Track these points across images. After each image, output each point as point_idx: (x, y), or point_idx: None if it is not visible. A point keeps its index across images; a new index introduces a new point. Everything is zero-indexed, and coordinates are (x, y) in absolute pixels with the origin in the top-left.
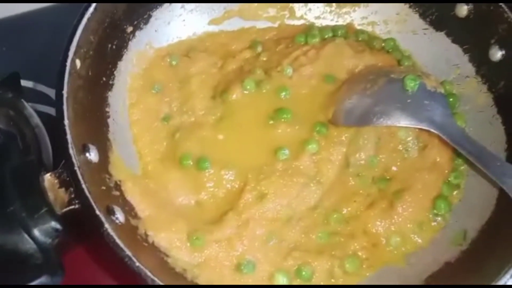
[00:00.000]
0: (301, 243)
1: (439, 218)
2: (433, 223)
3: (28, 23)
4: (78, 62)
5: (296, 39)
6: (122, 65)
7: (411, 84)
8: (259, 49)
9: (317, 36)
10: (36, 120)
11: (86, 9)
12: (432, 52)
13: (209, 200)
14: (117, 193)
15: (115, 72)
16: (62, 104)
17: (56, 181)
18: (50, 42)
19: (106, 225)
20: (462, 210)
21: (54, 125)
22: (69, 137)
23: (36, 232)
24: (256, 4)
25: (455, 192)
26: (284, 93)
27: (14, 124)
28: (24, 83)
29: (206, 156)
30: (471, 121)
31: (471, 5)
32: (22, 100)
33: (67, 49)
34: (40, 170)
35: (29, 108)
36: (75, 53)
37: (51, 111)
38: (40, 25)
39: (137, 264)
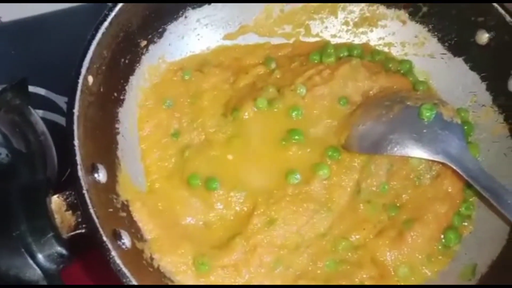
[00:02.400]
0: (308, 271)
1: (449, 250)
2: (442, 255)
3: (37, 27)
4: (90, 79)
5: (310, 57)
6: (134, 79)
7: (427, 114)
8: (273, 65)
9: (332, 55)
10: (42, 127)
11: (101, 23)
12: (449, 77)
13: (218, 222)
14: (124, 214)
15: (126, 87)
16: (72, 123)
17: (63, 203)
18: (60, 48)
19: (113, 253)
20: (472, 243)
21: (63, 140)
22: (78, 158)
23: (41, 257)
24: (272, 20)
25: (466, 223)
26: (295, 113)
27: (20, 131)
28: (31, 89)
29: (215, 176)
30: (485, 151)
31: (492, 33)
32: (29, 106)
33: (80, 66)
34: (48, 190)
35: (35, 115)
36: (87, 70)
37: (58, 118)
38: (50, 29)
39: None
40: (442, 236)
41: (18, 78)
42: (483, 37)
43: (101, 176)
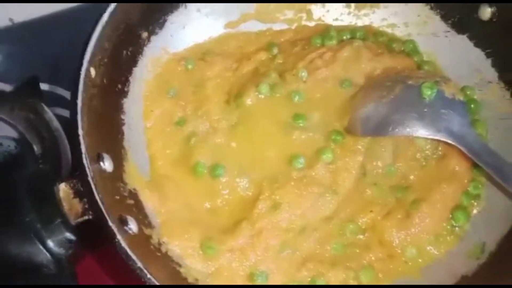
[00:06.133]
0: (316, 254)
1: (457, 229)
2: (450, 235)
3: (47, 26)
4: (92, 71)
5: (312, 41)
6: (137, 71)
7: (428, 92)
8: (275, 51)
9: (334, 38)
10: (55, 123)
11: (101, 16)
12: (454, 55)
13: (224, 207)
14: (132, 201)
15: (130, 79)
16: (76, 113)
17: (71, 191)
18: (69, 45)
19: (119, 236)
20: (481, 222)
21: (69, 133)
22: (83, 147)
23: (50, 243)
24: (273, 6)
25: (474, 203)
26: (297, 97)
27: (34, 128)
28: (43, 86)
29: (221, 163)
30: (493, 128)
31: (495, 7)
32: (42, 104)
33: (82, 58)
34: (55, 179)
35: (49, 112)
36: (89, 62)
37: None
38: (59, 28)
39: (148, 276)
40: (450, 216)
41: (29, 76)
42: (486, 12)
43: (107, 165)
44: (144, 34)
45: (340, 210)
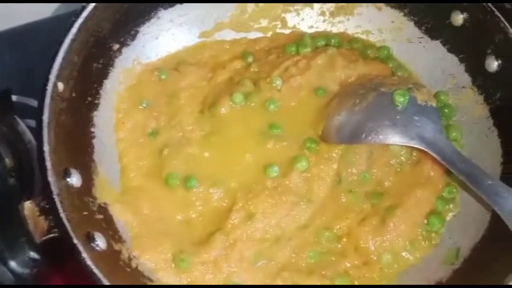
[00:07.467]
0: (291, 263)
1: (433, 235)
2: (425, 240)
3: (20, 37)
4: (60, 85)
5: (287, 49)
6: (108, 83)
7: (400, 99)
8: (250, 59)
9: (308, 45)
10: (29, 136)
11: (69, 30)
12: (428, 61)
13: (197, 218)
14: (101, 216)
15: (100, 91)
16: (41, 130)
17: (36, 208)
18: (42, 56)
19: (84, 254)
20: (456, 227)
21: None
22: (48, 163)
23: (13, 263)
24: (247, 15)
25: (449, 207)
26: (272, 106)
27: (6, 140)
28: (16, 98)
29: (194, 174)
30: (467, 133)
31: (466, 14)
32: (15, 116)
33: (48, 73)
34: (21, 196)
35: (22, 124)
36: (57, 76)
37: None
38: (32, 39)
39: None
40: (425, 221)
41: (2, 89)
42: (458, 18)
43: (75, 180)
44: (116, 46)
45: (315, 218)
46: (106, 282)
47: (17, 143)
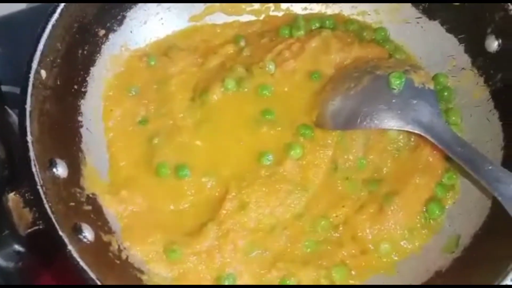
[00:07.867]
0: (286, 253)
1: (432, 223)
2: (425, 229)
3: (8, 26)
4: (43, 73)
5: (280, 31)
6: (95, 70)
7: (396, 82)
8: (242, 43)
9: (302, 28)
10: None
11: (50, 15)
12: (426, 42)
13: (189, 208)
14: (89, 207)
15: (87, 79)
16: (24, 119)
17: (20, 199)
18: (31, 45)
19: (70, 246)
20: (456, 214)
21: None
22: (31, 154)
23: None
24: None
25: (449, 194)
26: (265, 91)
27: None
28: (6, 88)
29: (185, 163)
30: (467, 116)
31: None
32: (6, 107)
33: (30, 60)
34: (5, 188)
35: (13, 114)
36: (39, 63)
37: None
38: (20, 28)
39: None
40: (424, 209)
41: None
42: None
43: (61, 171)
44: (101, 32)
45: (311, 207)
46: (92, 275)
47: (8, 134)
